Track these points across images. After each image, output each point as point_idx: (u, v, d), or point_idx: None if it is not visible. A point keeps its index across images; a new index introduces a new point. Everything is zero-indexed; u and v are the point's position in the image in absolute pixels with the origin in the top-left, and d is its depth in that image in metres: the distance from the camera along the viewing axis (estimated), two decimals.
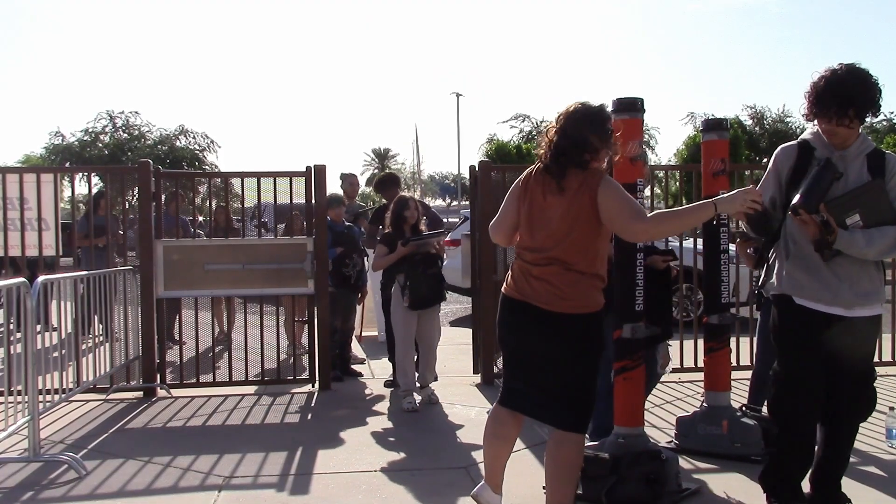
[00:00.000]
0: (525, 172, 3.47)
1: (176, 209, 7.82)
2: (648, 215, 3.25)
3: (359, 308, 8.06)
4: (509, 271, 3.51)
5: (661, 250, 4.55)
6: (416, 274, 5.88)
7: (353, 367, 7.38)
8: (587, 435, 3.52)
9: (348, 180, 8.40)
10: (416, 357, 6.23)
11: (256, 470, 4.54)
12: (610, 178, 3.31)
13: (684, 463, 4.35)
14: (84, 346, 5.91)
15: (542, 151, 3.37)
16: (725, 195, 3.25)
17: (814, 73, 3.28)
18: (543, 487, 3.46)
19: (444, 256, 6.63)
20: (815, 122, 3.32)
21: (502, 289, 3.51)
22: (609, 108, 3.49)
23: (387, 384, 6.78)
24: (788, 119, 38.99)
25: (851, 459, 4.57)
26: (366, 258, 7.50)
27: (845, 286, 3.24)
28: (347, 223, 7.44)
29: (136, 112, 36.52)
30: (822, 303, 3.27)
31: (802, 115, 3.34)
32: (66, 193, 8.56)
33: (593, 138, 3.27)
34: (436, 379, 6.33)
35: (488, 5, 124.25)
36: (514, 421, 3.50)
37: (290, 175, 6.73)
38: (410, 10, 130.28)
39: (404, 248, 5.91)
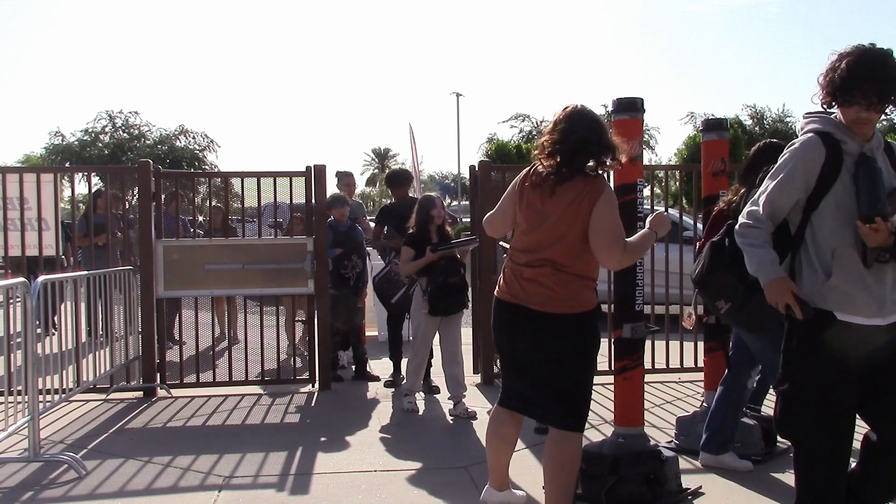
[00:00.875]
0: (524, 172, 3.46)
1: (176, 209, 7.82)
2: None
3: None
4: (501, 274, 3.52)
5: None
6: (437, 281, 5.65)
7: (368, 370, 7.12)
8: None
9: (344, 180, 8.19)
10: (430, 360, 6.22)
11: (256, 470, 4.54)
12: (611, 193, 3.30)
13: (684, 463, 4.34)
14: (85, 346, 5.91)
15: (544, 151, 3.33)
16: (651, 220, 3.42)
17: (833, 53, 2.93)
18: (543, 487, 3.46)
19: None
20: (838, 109, 2.94)
21: (495, 292, 3.52)
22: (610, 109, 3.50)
23: (386, 384, 6.78)
24: (788, 119, 39.04)
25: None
26: (368, 258, 7.43)
27: (887, 294, 2.95)
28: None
29: (136, 112, 36.63)
30: (866, 315, 2.93)
31: (822, 104, 2.96)
32: (67, 193, 8.56)
33: (610, 142, 3.33)
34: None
35: (488, 5, 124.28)
36: (514, 421, 3.52)
37: (291, 175, 6.72)
38: (410, 10, 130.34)
39: (433, 255, 5.63)
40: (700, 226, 5.56)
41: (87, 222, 8.53)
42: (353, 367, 7.17)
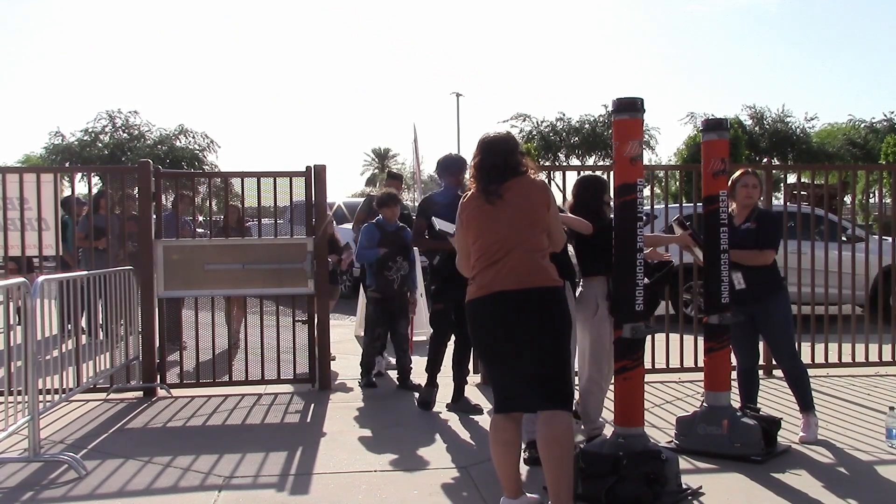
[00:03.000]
0: (461, 205, 3.70)
1: (177, 211, 7.80)
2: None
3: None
4: (469, 287, 3.66)
5: None
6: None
7: (412, 380, 6.63)
8: None
9: (394, 184, 7.81)
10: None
11: (256, 470, 4.54)
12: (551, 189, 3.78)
13: (684, 463, 4.35)
14: (85, 346, 5.91)
15: (473, 176, 3.70)
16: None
17: None
18: (544, 487, 3.47)
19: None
20: None
21: (465, 303, 3.66)
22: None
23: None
24: (788, 119, 38.93)
25: (851, 459, 4.59)
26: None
27: None
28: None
29: (136, 112, 36.63)
30: None
31: None
32: (67, 193, 8.58)
33: (518, 156, 3.68)
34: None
35: (488, 5, 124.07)
36: (513, 424, 3.59)
37: (291, 175, 6.72)
38: (410, 10, 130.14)
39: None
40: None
41: (89, 223, 8.52)
42: (398, 375, 6.80)
